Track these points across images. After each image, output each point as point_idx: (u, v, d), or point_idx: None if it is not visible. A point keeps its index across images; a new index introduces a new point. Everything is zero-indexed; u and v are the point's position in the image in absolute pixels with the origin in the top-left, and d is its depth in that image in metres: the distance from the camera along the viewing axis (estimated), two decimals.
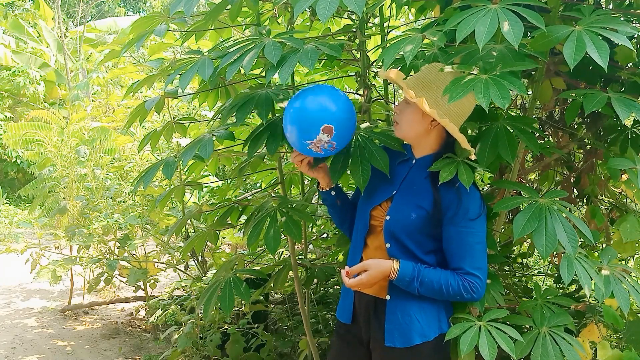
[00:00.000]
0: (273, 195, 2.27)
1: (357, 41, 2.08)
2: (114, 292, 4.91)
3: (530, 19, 1.35)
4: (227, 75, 1.59)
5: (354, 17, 2.17)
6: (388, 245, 1.57)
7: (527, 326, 1.59)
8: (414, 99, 1.46)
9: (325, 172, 1.71)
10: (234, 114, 1.80)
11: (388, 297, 1.57)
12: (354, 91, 2.38)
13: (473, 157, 1.53)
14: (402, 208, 1.57)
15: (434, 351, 1.55)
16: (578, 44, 1.33)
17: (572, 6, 1.68)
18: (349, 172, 1.67)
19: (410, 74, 1.67)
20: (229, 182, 3.81)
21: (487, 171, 1.73)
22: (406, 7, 2.34)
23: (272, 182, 2.85)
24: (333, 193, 1.74)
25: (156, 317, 3.45)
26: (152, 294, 4.20)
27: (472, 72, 1.39)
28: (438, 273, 1.52)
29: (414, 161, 1.63)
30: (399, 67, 1.72)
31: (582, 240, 1.52)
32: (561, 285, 2.72)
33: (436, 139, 1.59)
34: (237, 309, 3.15)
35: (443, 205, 1.52)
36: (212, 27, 2.19)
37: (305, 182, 2.65)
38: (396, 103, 2.17)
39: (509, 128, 1.63)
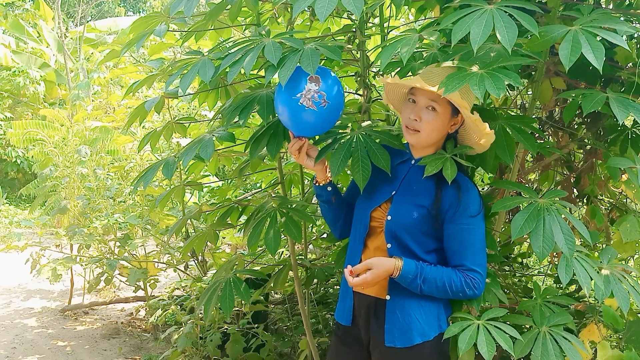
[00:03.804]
0: (273, 195, 2.27)
1: (356, 41, 2.08)
2: (114, 292, 4.91)
3: (524, 24, 1.34)
4: (228, 77, 1.60)
5: (353, 17, 2.17)
6: (389, 245, 1.57)
7: (527, 325, 1.59)
8: (470, 113, 1.46)
9: (322, 165, 1.70)
10: (238, 115, 1.79)
11: (388, 297, 1.57)
12: (354, 91, 2.38)
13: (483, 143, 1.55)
14: (404, 208, 1.57)
15: (434, 350, 1.55)
16: (574, 45, 1.33)
17: (571, 6, 1.68)
18: (348, 172, 1.66)
19: (409, 74, 1.66)
20: (229, 182, 3.81)
21: (486, 171, 1.73)
22: (406, 7, 2.34)
23: (272, 182, 2.85)
24: (329, 189, 1.72)
25: (156, 317, 3.45)
26: (152, 294, 4.20)
27: (471, 69, 1.39)
28: (440, 270, 1.52)
29: (413, 161, 1.63)
30: (397, 70, 1.71)
31: (581, 240, 1.52)
32: (561, 285, 2.72)
33: (443, 140, 1.60)
34: (237, 309, 3.15)
35: (444, 204, 1.52)
36: (212, 27, 2.19)
37: (305, 182, 2.66)
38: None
39: (507, 128, 1.63)
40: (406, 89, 1.60)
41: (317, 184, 1.74)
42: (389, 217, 1.58)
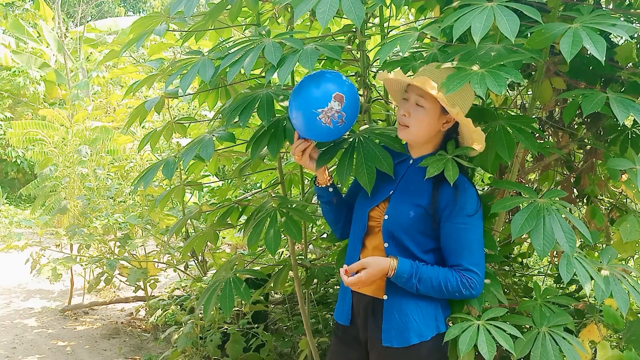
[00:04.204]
0: (273, 195, 2.27)
1: (357, 41, 2.08)
2: (114, 292, 4.91)
3: (527, 12, 1.35)
4: (228, 77, 1.60)
5: None
6: (386, 244, 1.57)
7: (527, 326, 1.59)
8: (450, 107, 1.46)
9: (323, 167, 1.70)
10: (238, 115, 1.79)
11: (385, 297, 1.57)
12: None
13: (478, 148, 1.55)
14: (401, 207, 1.57)
15: (431, 351, 1.55)
16: (575, 39, 1.34)
17: (571, 6, 1.68)
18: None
19: (409, 73, 1.67)
20: (229, 182, 3.81)
21: (486, 171, 1.74)
22: (406, 7, 2.34)
23: (272, 182, 2.85)
24: (331, 190, 1.73)
25: (156, 317, 3.45)
26: (152, 294, 4.20)
27: (472, 69, 1.39)
28: (436, 270, 1.52)
29: (411, 161, 1.63)
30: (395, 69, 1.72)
31: (581, 240, 1.52)
32: (561, 285, 2.72)
33: (439, 139, 1.60)
34: (237, 309, 3.15)
35: (440, 203, 1.52)
36: (212, 27, 2.19)
37: (305, 182, 2.65)
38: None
39: (507, 128, 1.64)
40: (404, 86, 1.61)
41: (318, 185, 1.74)
42: (386, 217, 1.58)
